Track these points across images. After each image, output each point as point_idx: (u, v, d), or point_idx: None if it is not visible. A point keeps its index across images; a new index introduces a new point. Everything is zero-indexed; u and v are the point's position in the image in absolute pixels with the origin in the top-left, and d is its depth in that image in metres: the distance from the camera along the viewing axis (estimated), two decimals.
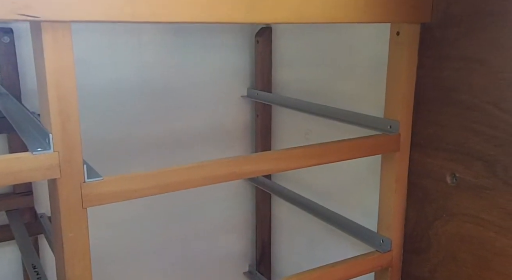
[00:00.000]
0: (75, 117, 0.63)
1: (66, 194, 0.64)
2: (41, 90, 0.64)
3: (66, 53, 0.60)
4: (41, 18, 0.56)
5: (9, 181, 0.60)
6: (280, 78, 1.42)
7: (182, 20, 0.66)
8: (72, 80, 0.62)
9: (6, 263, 1.22)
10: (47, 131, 0.63)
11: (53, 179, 0.64)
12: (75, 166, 0.64)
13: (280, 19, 0.73)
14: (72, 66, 0.62)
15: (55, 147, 0.62)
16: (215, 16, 0.68)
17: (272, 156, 0.80)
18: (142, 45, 1.29)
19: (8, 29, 1.08)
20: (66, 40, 0.60)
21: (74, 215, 0.65)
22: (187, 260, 1.50)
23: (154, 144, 1.36)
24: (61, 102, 0.61)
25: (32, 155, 0.61)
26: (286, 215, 1.49)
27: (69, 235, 0.65)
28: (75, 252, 0.66)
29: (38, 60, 0.62)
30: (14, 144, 1.13)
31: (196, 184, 0.73)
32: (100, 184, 0.66)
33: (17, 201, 1.15)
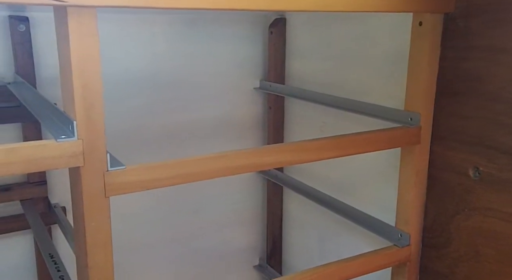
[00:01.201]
0: (99, 105, 0.62)
1: (89, 183, 0.63)
2: (64, 77, 0.63)
3: (91, 39, 0.59)
4: (68, 2, 0.55)
5: (33, 168, 0.59)
6: (294, 70, 1.40)
7: (203, 7, 0.64)
8: (97, 67, 0.61)
9: (19, 252, 1.22)
10: (71, 118, 0.62)
11: (76, 167, 0.63)
12: (99, 155, 0.63)
13: (300, 7, 0.72)
14: (97, 52, 0.61)
15: (79, 135, 0.61)
16: (235, 3, 0.66)
17: (293, 147, 0.79)
18: (155, 37, 1.28)
19: (24, 18, 1.07)
20: (92, 25, 0.59)
21: (97, 204, 0.64)
22: (197, 253, 1.49)
23: (165, 136, 1.35)
24: (85, 89, 0.60)
25: (56, 143, 0.60)
26: (297, 209, 1.48)
27: (91, 224, 0.64)
28: (97, 242, 0.65)
29: (62, 46, 0.61)
30: (28, 134, 1.12)
31: (217, 174, 0.72)
32: (123, 173, 0.66)
33: (31, 191, 1.14)
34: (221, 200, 1.49)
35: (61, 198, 1.22)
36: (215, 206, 1.48)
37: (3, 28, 1.08)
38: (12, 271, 1.22)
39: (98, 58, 0.61)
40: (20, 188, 1.13)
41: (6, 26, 1.08)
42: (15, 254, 1.21)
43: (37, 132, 1.13)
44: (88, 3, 0.57)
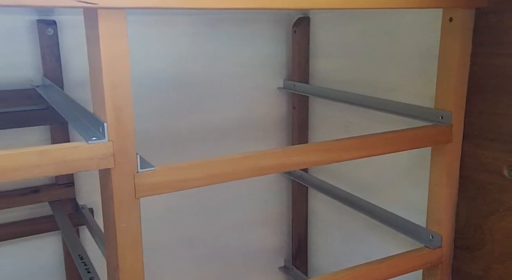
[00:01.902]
0: (129, 106, 0.62)
1: (120, 184, 0.63)
2: (94, 79, 0.63)
3: (121, 41, 0.60)
4: (98, 4, 0.55)
5: (64, 170, 0.59)
6: (318, 69, 1.39)
7: (233, 6, 0.64)
8: (127, 68, 0.61)
9: (48, 253, 1.23)
10: (101, 120, 0.62)
11: (106, 169, 0.63)
12: (129, 156, 0.63)
13: (326, 5, 0.71)
14: (127, 54, 0.61)
15: (109, 136, 0.61)
16: (262, 2, 0.65)
17: (321, 147, 0.78)
18: (178, 37, 1.28)
19: (51, 21, 1.08)
20: (121, 27, 0.59)
21: (127, 206, 0.64)
22: (221, 253, 1.49)
23: (189, 136, 1.35)
24: (115, 91, 0.61)
25: (87, 144, 0.60)
26: (323, 209, 1.47)
27: (122, 225, 0.64)
28: (127, 243, 0.65)
29: (92, 48, 0.61)
30: (56, 136, 1.13)
31: (246, 174, 0.72)
32: (153, 174, 0.65)
33: (60, 192, 1.15)
34: (245, 201, 1.48)
35: (88, 200, 1.23)
36: (239, 206, 1.48)
37: (32, 32, 1.09)
38: (41, 271, 1.24)
39: (128, 60, 0.61)
40: (48, 189, 1.14)
41: (35, 30, 1.09)
42: (44, 255, 1.23)
43: (65, 134, 1.14)
44: (118, 5, 0.57)
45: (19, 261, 1.20)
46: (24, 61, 1.10)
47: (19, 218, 1.17)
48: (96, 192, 1.22)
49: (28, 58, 1.11)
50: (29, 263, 1.22)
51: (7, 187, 1.11)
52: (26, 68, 1.11)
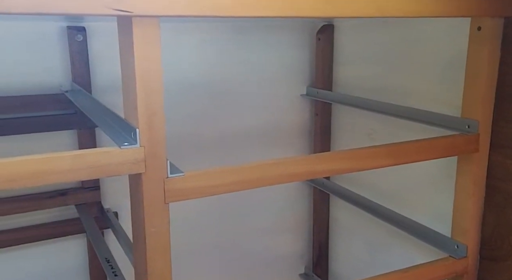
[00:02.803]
0: (160, 112, 0.63)
1: (150, 189, 0.64)
2: (127, 85, 0.64)
3: (154, 48, 0.61)
4: (133, 13, 0.57)
5: (97, 174, 0.61)
6: (342, 76, 1.39)
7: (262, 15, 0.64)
8: (159, 75, 0.62)
9: (73, 255, 1.25)
10: (133, 126, 0.63)
11: (137, 174, 0.64)
12: (159, 161, 0.64)
13: (359, 13, 0.71)
14: (159, 61, 0.62)
15: (141, 142, 0.63)
16: (296, 10, 0.66)
17: (349, 155, 0.78)
18: (204, 44, 1.30)
19: (81, 28, 1.11)
20: (155, 35, 0.60)
21: (157, 210, 0.65)
22: (242, 259, 1.50)
23: (212, 142, 1.36)
24: (148, 97, 0.62)
25: (120, 149, 0.61)
26: (345, 216, 1.46)
27: (151, 230, 0.65)
28: (156, 247, 0.66)
29: (125, 55, 0.63)
30: (83, 140, 1.15)
31: (275, 181, 0.72)
32: (182, 179, 0.66)
33: (86, 196, 1.17)
34: (267, 207, 1.49)
35: (113, 204, 1.25)
36: (261, 212, 1.48)
37: (62, 38, 1.12)
38: (66, 273, 1.25)
39: (160, 67, 0.62)
40: (75, 193, 1.16)
41: (65, 36, 1.12)
42: (69, 257, 1.25)
43: (92, 138, 1.16)
44: (153, 13, 0.58)
45: (45, 262, 1.22)
46: (54, 67, 1.13)
47: (46, 220, 1.19)
48: (121, 196, 1.26)
49: (58, 63, 1.13)
50: (55, 265, 1.24)
51: (35, 190, 1.13)
52: (55, 74, 1.13)
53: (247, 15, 0.63)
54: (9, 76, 1.09)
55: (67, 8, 0.53)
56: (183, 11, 0.60)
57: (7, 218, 1.14)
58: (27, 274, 1.21)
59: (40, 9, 0.52)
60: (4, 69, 1.08)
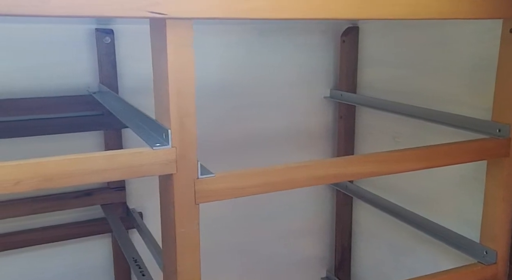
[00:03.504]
0: (192, 114, 0.64)
1: (181, 190, 0.65)
2: (158, 87, 0.65)
3: (187, 50, 0.61)
4: (168, 15, 0.57)
5: (130, 175, 0.61)
6: (366, 79, 1.38)
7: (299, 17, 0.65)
8: (191, 77, 0.62)
9: (98, 255, 1.26)
10: (165, 127, 0.63)
11: (168, 174, 0.64)
12: (190, 162, 0.65)
13: (392, 15, 0.71)
14: (192, 63, 0.62)
15: (172, 143, 0.63)
16: (329, 12, 0.66)
17: (379, 158, 0.77)
18: (228, 46, 1.30)
19: (109, 30, 1.12)
20: (188, 37, 0.61)
21: (187, 211, 0.65)
22: (264, 261, 1.49)
23: (235, 144, 1.37)
24: (180, 98, 0.62)
25: (152, 150, 0.62)
26: (368, 220, 1.45)
27: (181, 230, 0.66)
28: (186, 248, 0.66)
29: (158, 57, 0.63)
30: (110, 141, 1.17)
31: (303, 183, 0.72)
32: (212, 180, 0.67)
33: (111, 196, 1.19)
34: (289, 209, 1.48)
35: (138, 204, 1.26)
36: (283, 215, 1.48)
37: (90, 40, 1.13)
38: (91, 272, 1.27)
39: (193, 69, 0.62)
40: (101, 193, 1.18)
41: (93, 38, 1.13)
42: (94, 256, 1.26)
43: (118, 139, 1.18)
44: (187, 16, 0.58)
45: (70, 262, 1.24)
46: (82, 68, 1.15)
47: (71, 220, 1.21)
48: (146, 197, 1.27)
49: (86, 65, 1.15)
50: (80, 264, 1.25)
51: (62, 190, 1.15)
52: (83, 75, 1.15)
53: (280, 17, 0.63)
54: (39, 77, 1.11)
55: (104, 11, 0.54)
56: (216, 14, 0.60)
57: (34, 217, 1.16)
58: (53, 272, 1.23)
59: (78, 12, 0.52)
60: (34, 71, 1.10)
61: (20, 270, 1.20)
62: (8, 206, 1.08)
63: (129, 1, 0.55)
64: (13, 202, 1.10)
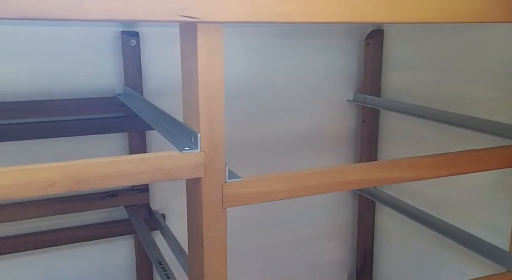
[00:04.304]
0: (221, 118, 0.64)
1: (208, 194, 0.64)
2: (188, 90, 0.65)
3: (217, 54, 0.61)
4: (199, 19, 0.57)
5: (160, 178, 0.62)
6: (391, 82, 1.37)
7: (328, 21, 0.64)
8: (221, 81, 0.62)
9: (120, 256, 1.27)
10: (194, 130, 0.63)
11: (196, 178, 0.64)
12: (218, 166, 0.64)
13: (425, 19, 0.70)
14: (222, 67, 0.62)
15: (201, 146, 0.63)
16: (360, 16, 0.65)
17: (408, 164, 0.76)
18: (249, 48, 1.30)
19: (134, 33, 1.13)
20: (219, 41, 0.61)
21: (215, 215, 0.65)
22: (285, 264, 1.49)
23: (256, 147, 1.36)
24: (209, 102, 0.62)
25: (181, 154, 0.62)
26: (391, 225, 1.43)
27: (208, 234, 0.65)
28: (213, 252, 0.66)
29: (188, 60, 0.63)
30: (134, 143, 1.18)
31: (332, 188, 0.71)
32: (239, 185, 0.66)
33: (135, 198, 1.19)
34: (311, 213, 1.47)
35: (161, 206, 1.27)
36: (305, 219, 1.47)
37: (116, 43, 1.14)
38: (113, 273, 1.28)
39: (222, 73, 0.62)
40: (125, 194, 1.18)
41: (118, 41, 1.14)
42: (117, 257, 1.27)
43: (142, 141, 1.18)
44: (218, 20, 0.58)
45: (94, 261, 1.25)
46: (107, 71, 1.16)
47: (93, 221, 1.22)
48: (168, 199, 1.27)
49: (111, 67, 1.16)
50: (103, 264, 1.26)
51: (87, 191, 1.16)
52: (108, 77, 1.16)
53: (310, 21, 0.62)
54: (65, 79, 1.13)
55: (138, 15, 0.54)
56: (247, 17, 0.60)
57: (60, 217, 1.18)
58: (78, 272, 1.24)
59: (113, 16, 0.53)
60: (60, 73, 1.12)
61: (46, 269, 1.22)
62: (36, 206, 1.10)
63: (161, 5, 0.55)
64: (42, 202, 1.11)
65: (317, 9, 0.63)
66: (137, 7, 0.54)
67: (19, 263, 1.18)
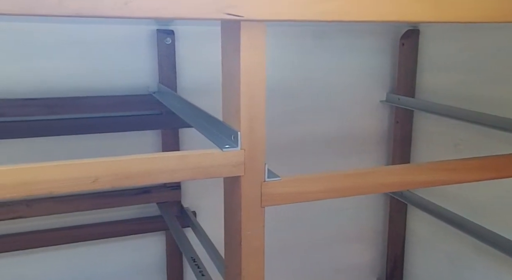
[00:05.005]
0: (261, 116, 0.63)
1: (248, 193, 0.64)
2: (229, 89, 0.65)
3: (259, 52, 0.61)
4: (244, 17, 0.57)
5: (199, 176, 0.62)
6: (426, 83, 1.34)
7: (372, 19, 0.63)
8: (263, 79, 0.62)
9: (151, 252, 1.28)
10: (235, 129, 0.63)
11: (235, 176, 0.64)
12: (258, 165, 0.64)
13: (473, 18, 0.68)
14: (264, 65, 0.62)
15: (242, 144, 0.63)
16: (405, 15, 0.64)
17: (448, 166, 0.74)
18: (282, 48, 1.30)
19: (170, 31, 1.14)
20: (261, 40, 0.60)
21: (253, 214, 0.65)
22: (313, 266, 1.48)
23: (288, 147, 1.36)
24: (251, 101, 0.62)
25: (222, 152, 0.62)
26: (423, 228, 1.40)
27: (247, 233, 0.65)
28: (251, 251, 0.66)
29: (230, 59, 0.63)
30: (167, 140, 1.19)
31: (370, 190, 0.70)
32: (278, 184, 0.66)
33: (167, 194, 1.20)
34: (341, 214, 1.46)
35: (192, 203, 1.27)
36: (334, 220, 1.46)
37: (151, 41, 1.15)
38: (144, 269, 1.29)
39: (264, 71, 0.62)
40: (158, 191, 1.19)
41: (154, 39, 1.15)
42: (148, 253, 1.28)
43: (176, 139, 1.19)
44: (262, 18, 0.58)
45: (126, 257, 1.27)
46: (142, 68, 1.17)
47: (126, 217, 1.23)
48: (200, 196, 1.28)
49: (146, 65, 1.17)
50: (134, 260, 1.28)
51: (121, 186, 1.18)
52: (143, 75, 1.17)
53: (353, 19, 0.62)
54: (101, 77, 1.14)
55: (183, 13, 0.54)
56: (291, 16, 0.59)
57: (92, 213, 1.19)
58: (110, 267, 1.26)
59: (159, 14, 0.53)
60: (97, 70, 1.14)
61: (78, 263, 1.24)
62: (71, 200, 1.12)
63: (206, 4, 0.55)
64: (76, 197, 1.13)
65: (360, 8, 0.62)
66: (183, 5, 0.54)
67: (52, 256, 1.21)
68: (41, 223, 1.16)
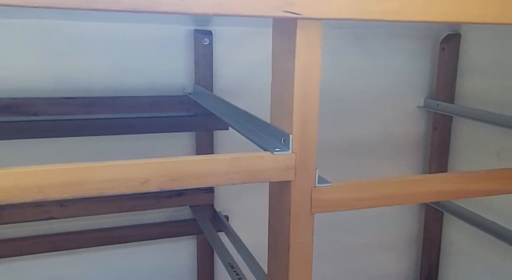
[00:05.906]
0: (314, 119, 0.61)
1: (297, 198, 0.62)
2: (280, 90, 0.63)
3: (315, 52, 0.59)
4: (302, 15, 0.55)
5: (249, 179, 0.59)
6: (466, 88, 1.30)
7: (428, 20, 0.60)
8: (317, 80, 0.60)
9: (182, 256, 1.27)
10: (286, 131, 0.61)
11: (285, 181, 0.62)
12: (309, 170, 0.62)
13: None
14: (319, 66, 0.60)
15: (293, 148, 0.60)
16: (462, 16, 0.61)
17: (504, 175, 0.71)
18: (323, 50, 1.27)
19: (208, 32, 1.13)
20: (318, 39, 0.58)
21: (303, 220, 0.63)
22: (344, 273, 1.44)
23: (322, 151, 1.32)
24: (304, 102, 0.60)
25: (272, 155, 0.60)
26: (461, 238, 1.36)
27: (296, 240, 0.63)
28: (299, 259, 0.64)
29: (283, 58, 0.61)
30: (202, 142, 1.17)
31: (422, 198, 0.68)
32: (329, 190, 0.63)
33: (200, 198, 1.18)
34: (374, 222, 1.43)
35: (224, 207, 1.25)
36: (367, 227, 1.42)
37: (189, 41, 1.14)
38: (175, 272, 1.27)
39: (319, 71, 0.60)
40: (191, 194, 1.18)
41: (191, 39, 1.14)
42: (180, 256, 1.27)
43: (210, 141, 1.17)
44: (319, 16, 0.56)
45: (158, 260, 1.25)
46: (178, 69, 1.16)
47: (157, 220, 1.21)
48: (232, 200, 1.26)
49: (183, 66, 1.16)
50: (166, 263, 1.26)
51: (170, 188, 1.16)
52: (179, 76, 1.16)
53: (411, 19, 0.59)
54: (137, 76, 1.13)
55: (241, 10, 0.52)
56: (349, 15, 0.57)
57: (124, 215, 1.18)
58: (142, 270, 1.25)
59: (217, 11, 0.51)
60: (133, 70, 1.13)
61: (109, 265, 1.23)
62: (104, 202, 1.10)
63: (265, 1, 0.53)
64: (109, 198, 1.12)
65: (418, 8, 0.59)
66: (241, 2, 0.52)
67: (84, 258, 1.20)
68: (73, 225, 1.15)
